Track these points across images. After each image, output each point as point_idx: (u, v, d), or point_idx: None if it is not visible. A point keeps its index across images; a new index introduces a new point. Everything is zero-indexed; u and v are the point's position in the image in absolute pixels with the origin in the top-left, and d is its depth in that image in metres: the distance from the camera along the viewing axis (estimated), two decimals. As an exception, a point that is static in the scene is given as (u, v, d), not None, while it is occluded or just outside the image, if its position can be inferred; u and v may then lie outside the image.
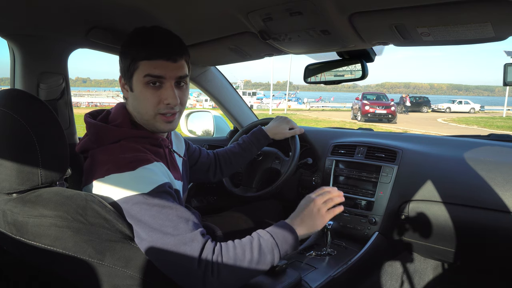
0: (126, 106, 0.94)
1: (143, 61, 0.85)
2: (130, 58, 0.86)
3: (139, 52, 0.85)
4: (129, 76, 0.88)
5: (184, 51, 0.90)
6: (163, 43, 0.87)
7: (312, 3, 0.84)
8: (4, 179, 0.71)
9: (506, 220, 1.16)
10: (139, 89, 0.87)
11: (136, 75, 0.87)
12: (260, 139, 1.44)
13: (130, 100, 0.91)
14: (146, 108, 0.88)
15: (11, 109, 0.71)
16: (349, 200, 1.48)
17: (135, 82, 0.87)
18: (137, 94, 0.88)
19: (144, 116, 0.90)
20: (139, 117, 0.92)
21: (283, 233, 0.85)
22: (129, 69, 0.87)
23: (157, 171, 0.81)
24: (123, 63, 0.89)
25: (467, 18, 0.80)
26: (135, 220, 0.75)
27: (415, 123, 17.39)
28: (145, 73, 0.85)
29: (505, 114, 25.12)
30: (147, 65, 0.85)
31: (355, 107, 20.09)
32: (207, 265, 0.73)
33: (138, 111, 0.90)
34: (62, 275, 0.78)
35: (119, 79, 0.93)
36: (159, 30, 0.89)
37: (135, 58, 0.86)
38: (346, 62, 1.33)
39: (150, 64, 0.85)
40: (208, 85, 1.80)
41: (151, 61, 0.85)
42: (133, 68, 0.86)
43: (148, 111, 0.88)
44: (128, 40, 0.89)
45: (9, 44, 1.16)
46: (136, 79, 0.87)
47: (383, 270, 1.50)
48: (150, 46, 0.85)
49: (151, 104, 0.87)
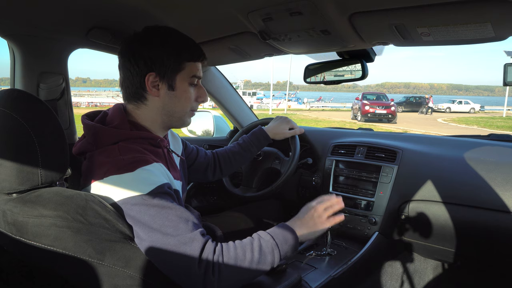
0: (135, 107, 0.92)
1: (189, 62, 0.91)
2: (173, 58, 0.89)
3: (184, 54, 0.91)
4: (171, 75, 0.90)
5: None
6: (198, 46, 0.94)
7: (312, 3, 0.84)
8: (4, 179, 0.71)
9: (506, 220, 1.17)
10: (183, 88, 0.92)
11: (181, 75, 0.91)
12: (260, 139, 1.44)
13: (165, 98, 0.91)
14: (184, 106, 0.94)
15: (11, 109, 0.71)
16: (349, 200, 1.48)
17: (179, 81, 0.91)
18: (179, 93, 0.92)
19: (178, 113, 0.94)
20: (168, 115, 0.93)
21: (284, 234, 0.85)
22: (173, 70, 0.89)
23: (156, 172, 0.81)
24: (159, 63, 0.88)
25: (467, 18, 0.80)
26: (134, 221, 0.75)
27: (415, 123, 17.40)
28: (192, 74, 0.92)
29: (505, 114, 25.12)
30: (192, 66, 0.92)
31: (355, 107, 20.09)
32: (207, 265, 0.73)
33: (172, 109, 0.93)
34: (62, 275, 0.78)
35: (147, 78, 0.88)
36: (182, 33, 0.94)
37: (181, 59, 0.90)
38: (346, 62, 1.33)
39: (194, 66, 0.93)
40: (208, 85, 1.80)
41: (195, 63, 0.93)
42: (178, 68, 0.90)
43: (186, 108, 0.95)
44: (161, 41, 0.89)
45: (9, 44, 1.16)
46: (181, 79, 0.91)
47: (383, 270, 1.50)
48: (193, 48, 0.93)
49: (190, 102, 0.95)
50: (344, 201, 1.48)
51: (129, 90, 0.91)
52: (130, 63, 0.89)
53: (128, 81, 0.91)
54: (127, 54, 0.90)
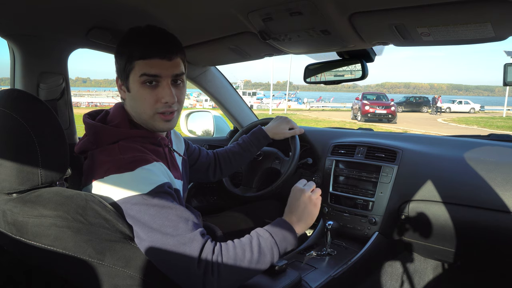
0: (124, 106, 0.94)
1: (139, 60, 0.85)
2: (125, 58, 0.86)
3: (134, 52, 0.84)
4: (125, 76, 0.88)
5: (179, 49, 0.90)
6: (157, 42, 0.86)
7: (312, 3, 0.84)
8: (4, 179, 0.71)
9: (506, 220, 1.17)
10: (136, 89, 0.87)
11: (132, 75, 0.86)
12: (260, 139, 1.44)
13: (128, 100, 0.91)
14: (144, 108, 0.88)
15: (11, 109, 0.71)
16: (349, 200, 1.48)
17: (132, 82, 0.87)
18: (134, 94, 0.88)
19: (142, 116, 0.90)
20: (137, 117, 0.91)
21: (282, 232, 0.85)
22: (125, 70, 0.87)
23: (156, 171, 0.81)
24: (118, 64, 0.89)
25: (467, 18, 0.80)
26: (134, 221, 0.75)
27: (415, 123, 17.39)
28: (141, 72, 0.85)
29: (505, 114, 25.11)
30: (142, 65, 0.85)
31: (355, 107, 20.09)
32: (207, 265, 0.73)
33: (136, 111, 0.90)
34: (62, 275, 0.78)
35: (116, 80, 0.92)
36: (152, 29, 0.88)
37: (130, 58, 0.85)
38: (346, 62, 1.33)
39: (145, 64, 0.84)
40: (208, 85, 1.80)
41: (146, 60, 0.84)
42: (129, 68, 0.86)
43: (146, 110, 0.88)
44: (122, 40, 0.88)
45: (9, 44, 1.16)
46: (133, 79, 0.86)
47: (383, 270, 1.50)
48: (144, 45, 0.85)
49: (149, 104, 0.87)
50: (344, 201, 1.50)
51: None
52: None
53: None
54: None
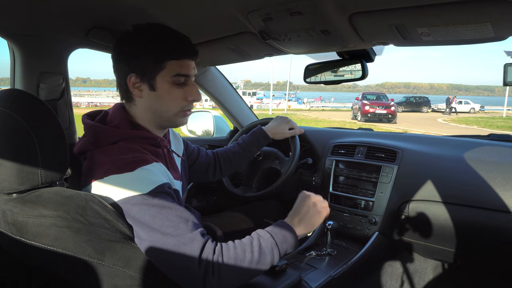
0: (129, 106, 0.92)
1: (172, 61, 0.87)
2: (153, 58, 0.86)
3: (166, 52, 0.86)
4: (151, 76, 0.87)
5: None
6: (185, 42, 0.90)
7: (312, 3, 0.84)
8: (4, 179, 0.71)
9: (506, 220, 1.17)
10: (165, 88, 0.88)
11: (161, 74, 0.87)
12: (260, 139, 1.44)
13: (147, 99, 0.89)
14: (170, 106, 0.90)
15: (11, 109, 0.71)
16: (349, 200, 1.48)
17: (160, 81, 0.87)
18: (161, 93, 0.88)
19: (165, 114, 0.91)
20: (156, 115, 0.91)
21: (283, 233, 0.85)
22: (152, 69, 0.86)
23: (156, 171, 0.81)
24: (140, 63, 0.86)
25: (467, 18, 0.80)
26: (135, 221, 0.74)
27: (415, 123, 17.39)
28: (174, 73, 0.87)
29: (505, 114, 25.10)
30: (175, 65, 0.87)
31: (355, 107, 20.08)
32: (207, 265, 0.73)
33: (158, 109, 0.90)
34: (62, 275, 0.78)
35: (129, 79, 0.87)
36: (171, 29, 0.90)
37: (162, 58, 0.86)
38: (346, 62, 1.33)
39: (178, 64, 0.87)
40: (208, 85, 1.81)
41: (179, 61, 0.88)
42: (158, 68, 0.86)
43: (172, 108, 0.91)
44: (143, 39, 0.87)
45: (9, 44, 1.16)
46: (162, 79, 0.87)
47: (383, 270, 1.50)
48: (175, 45, 0.87)
49: (177, 102, 0.90)
50: (344, 201, 1.50)
51: (120, 90, 0.92)
52: (115, 63, 0.90)
53: (117, 81, 0.92)
54: (113, 54, 0.91)
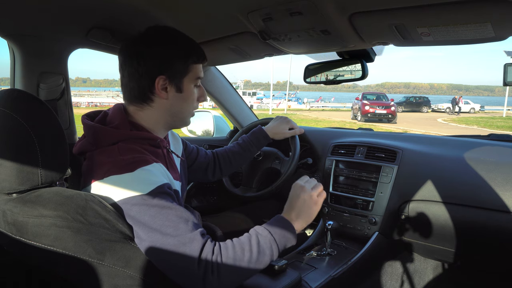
0: (139, 108, 0.91)
1: (195, 64, 0.92)
2: (182, 61, 0.90)
3: (192, 56, 0.91)
4: (180, 78, 0.91)
5: None
6: (201, 48, 0.95)
7: (312, 3, 0.84)
8: (4, 179, 0.71)
9: (506, 220, 1.17)
10: (190, 90, 0.94)
11: (188, 77, 0.92)
12: (260, 139, 1.44)
13: (173, 100, 0.91)
14: (190, 108, 0.97)
15: (11, 109, 0.71)
16: (349, 200, 1.48)
17: (187, 84, 0.92)
18: (187, 95, 0.93)
19: (182, 114, 0.96)
20: (173, 116, 0.94)
21: (281, 229, 0.85)
22: (181, 72, 0.91)
23: (156, 172, 0.81)
24: (170, 65, 0.88)
25: (467, 18, 0.80)
26: (134, 221, 0.75)
27: (415, 123, 17.39)
28: (197, 75, 0.94)
29: (505, 114, 25.10)
30: (197, 68, 0.94)
31: (355, 107, 20.08)
32: (207, 265, 0.73)
33: (179, 110, 0.94)
34: (62, 275, 0.78)
35: (157, 81, 0.87)
36: (186, 35, 0.93)
37: (188, 61, 0.91)
38: (346, 62, 1.33)
39: (198, 67, 0.94)
40: (208, 85, 1.80)
41: (199, 64, 0.94)
42: (185, 70, 0.91)
43: (191, 109, 0.97)
44: (170, 41, 0.90)
45: (9, 44, 1.16)
46: (188, 81, 0.92)
47: (383, 270, 1.50)
48: (196, 50, 0.93)
49: (194, 103, 0.97)
50: (344, 201, 1.50)
51: (134, 91, 0.90)
52: (138, 64, 0.87)
53: (134, 82, 0.89)
54: (133, 55, 0.88)
